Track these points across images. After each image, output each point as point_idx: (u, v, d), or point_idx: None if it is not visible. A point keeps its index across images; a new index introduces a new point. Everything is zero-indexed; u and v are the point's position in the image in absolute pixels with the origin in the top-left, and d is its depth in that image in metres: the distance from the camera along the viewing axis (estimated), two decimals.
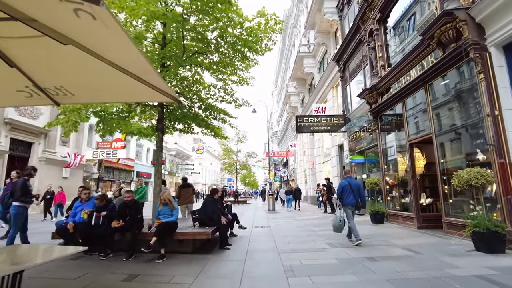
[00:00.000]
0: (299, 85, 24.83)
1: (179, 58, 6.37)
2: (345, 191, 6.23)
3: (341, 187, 6.34)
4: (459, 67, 6.30)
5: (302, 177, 26.91)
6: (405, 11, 8.77)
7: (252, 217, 12.82)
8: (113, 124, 6.40)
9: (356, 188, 6.23)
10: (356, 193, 6.21)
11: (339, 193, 6.40)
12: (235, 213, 7.75)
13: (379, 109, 9.75)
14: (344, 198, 6.23)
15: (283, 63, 41.42)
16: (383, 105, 9.43)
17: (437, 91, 7.25)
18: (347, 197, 6.20)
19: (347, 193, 6.20)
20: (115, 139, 23.34)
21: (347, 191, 6.21)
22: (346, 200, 6.21)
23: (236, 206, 21.04)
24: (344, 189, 6.24)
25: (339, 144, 15.26)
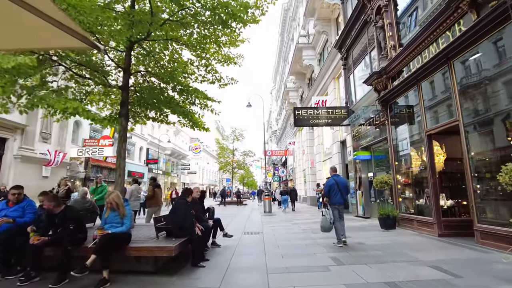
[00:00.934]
0: (298, 80, 23.51)
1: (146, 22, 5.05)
2: (332, 190, 6.01)
3: (328, 186, 6.10)
4: (498, 34, 4.97)
5: (301, 176, 25.59)
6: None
7: (244, 221, 11.49)
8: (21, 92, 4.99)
9: (344, 187, 6.06)
10: (343, 191, 6.02)
11: (326, 192, 6.18)
12: (218, 218, 6.42)
13: (389, 96, 8.42)
14: (331, 197, 6.03)
15: (281, 60, 40.12)
16: (394, 91, 8.10)
17: (465, 69, 5.92)
18: (334, 196, 6.00)
19: (334, 192, 6.00)
20: (102, 136, 22.05)
21: (334, 189, 6.00)
22: (333, 199, 6.01)
23: (235, 208, 19.76)
24: (331, 188, 6.01)
25: (341, 140, 13.94)
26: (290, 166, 32.88)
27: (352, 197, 11.88)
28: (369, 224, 9.10)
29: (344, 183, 6.22)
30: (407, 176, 8.12)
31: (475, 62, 5.67)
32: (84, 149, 19.29)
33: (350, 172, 12.19)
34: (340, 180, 6.14)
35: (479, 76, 5.58)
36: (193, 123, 6.74)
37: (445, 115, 6.59)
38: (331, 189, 6.03)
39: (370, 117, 9.88)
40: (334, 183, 6.02)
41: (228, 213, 15.16)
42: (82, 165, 21.40)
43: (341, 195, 6.01)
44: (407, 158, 8.14)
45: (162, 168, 38.16)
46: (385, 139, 9.13)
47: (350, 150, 12.10)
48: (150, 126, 34.51)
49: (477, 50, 5.49)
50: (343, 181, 6.19)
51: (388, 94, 8.39)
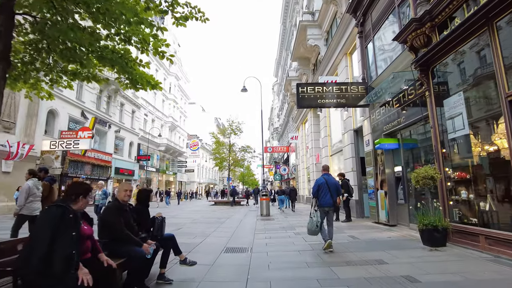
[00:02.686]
0: (301, 66, 20.94)
1: None
2: (321, 190, 5.52)
3: (316, 185, 5.61)
4: None
5: (304, 174, 23.06)
6: None
7: (234, 227, 9.00)
8: None
9: (334, 187, 5.57)
10: (333, 193, 5.51)
11: (314, 191, 5.64)
12: (170, 235, 3.94)
13: (433, 54, 5.88)
14: (319, 198, 5.52)
15: (284, 50, 37.56)
16: (443, 45, 5.55)
17: None
18: (323, 196, 5.49)
19: (324, 192, 5.49)
20: (81, 128, 19.61)
21: (323, 189, 5.51)
22: (322, 200, 5.49)
23: (228, 209, 17.28)
24: (320, 188, 5.54)
25: (355, 129, 11.41)
26: (292, 163, 30.36)
27: (371, 198, 9.35)
28: (400, 236, 6.56)
29: (335, 183, 5.67)
30: (463, 169, 5.58)
31: None
32: (58, 141, 16.89)
33: (368, 166, 9.66)
34: (331, 180, 5.63)
35: None
36: (131, 78, 4.25)
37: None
38: (320, 188, 5.52)
39: (400, 90, 7.34)
40: (324, 182, 5.52)
41: (217, 216, 12.68)
42: (59, 160, 19.01)
43: (331, 196, 5.45)
44: (463, 143, 5.58)
45: (155, 166, 35.76)
46: (422, 119, 6.59)
47: (368, 139, 9.57)
48: (143, 120, 32.15)
49: None
50: (333, 181, 5.67)
51: (433, 52, 5.84)
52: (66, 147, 16.89)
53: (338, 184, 5.75)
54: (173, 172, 42.59)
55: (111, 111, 25.77)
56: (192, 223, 10.26)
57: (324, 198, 5.44)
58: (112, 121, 25.56)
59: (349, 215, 9.94)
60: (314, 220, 5.33)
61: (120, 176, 27.06)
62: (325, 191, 5.46)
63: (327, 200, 5.44)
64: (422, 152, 7.27)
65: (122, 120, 27.80)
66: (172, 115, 40.89)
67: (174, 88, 42.20)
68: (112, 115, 25.75)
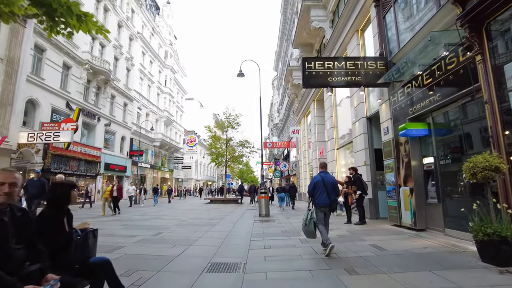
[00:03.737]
0: (304, 52, 19.33)
1: None
2: (317, 189, 5.08)
3: (312, 184, 5.18)
4: None
5: (306, 170, 21.55)
6: None
7: (226, 231, 7.47)
8: None
9: (331, 186, 5.09)
10: (330, 191, 5.04)
11: (310, 190, 5.18)
12: (103, 260, 2.35)
13: (489, 5, 4.33)
14: (315, 197, 5.07)
15: (284, 41, 35.90)
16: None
17: None
18: (320, 195, 5.03)
19: (320, 191, 5.04)
20: (64, 120, 18.01)
21: (319, 188, 5.06)
22: (318, 200, 5.03)
23: (223, 208, 15.75)
24: (316, 186, 5.10)
25: (369, 116, 9.88)
26: (293, 159, 28.83)
27: (390, 197, 7.83)
28: (439, 246, 5.04)
29: (333, 181, 5.22)
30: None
31: None
32: (36, 133, 15.32)
33: (386, 159, 8.12)
34: (328, 178, 5.20)
35: None
36: (62, 14, 2.69)
37: None
38: (316, 187, 5.11)
39: (434, 62, 5.79)
40: (320, 180, 5.11)
41: (210, 217, 11.15)
42: (40, 154, 17.46)
43: (327, 195, 5.01)
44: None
45: (150, 162, 34.20)
46: (468, 94, 5.05)
47: (387, 126, 8.03)
48: (136, 114, 30.56)
49: None
50: (331, 179, 5.22)
51: (488, 1, 4.29)
52: (45, 140, 15.32)
53: (335, 183, 5.32)
54: (169, 169, 41.01)
55: (100, 103, 24.17)
56: (178, 225, 8.73)
57: (320, 197, 5.05)
58: (101, 114, 23.97)
59: (363, 217, 8.41)
60: (303, 218, 5.12)
61: (110, 172, 25.52)
62: (321, 190, 5.07)
63: (323, 200, 5.03)
64: (465, 138, 5.72)
65: (113, 113, 26.20)
66: (168, 109, 39.27)
67: (169, 82, 40.55)
68: (101, 108, 24.16)
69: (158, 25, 37.97)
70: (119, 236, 6.72)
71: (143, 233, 7.20)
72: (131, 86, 29.74)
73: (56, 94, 18.71)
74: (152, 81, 35.34)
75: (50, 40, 18.10)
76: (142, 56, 32.73)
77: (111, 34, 25.87)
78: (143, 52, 33.07)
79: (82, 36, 21.74)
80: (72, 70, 20.60)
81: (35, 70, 17.30)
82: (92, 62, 21.92)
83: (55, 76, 18.77)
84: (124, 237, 6.65)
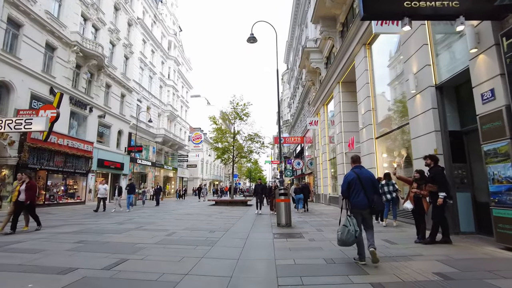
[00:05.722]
0: (325, 27, 16.24)
1: None
2: (352, 188, 4.25)
3: (346, 182, 4.32)
4: None
5: (326, 168, 18.45)
6: None
7: (229, 261, 4.49)
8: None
9: (369, 183, 4.23)
10: (369, 190, 4.18)
11: (344, 190, 4.36)
12: None
13: None
14: (351, 198, 4.25)
15: (297, 27, 32.83)
16: None
17: None
18: (356, 195, 4.21)
19: (356, 190, 4.22)
20: (43, 106, 15.33)
21: (355, 187, 4.23)
22: (355, 200, 4.20)
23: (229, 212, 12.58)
24: (351, 185, 4.26)
25: (440, 84, 6.80)
26: (309, 156, 25.74)
27: (503, 203, 4.76)
28: None
29: (370, 177, 4.30)
30: None
31: None
32: (4, 120, 12.61)
33: (489, 142, 5.04)
34: (364, 174, 4.30)
35: None
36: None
37: None
38: (350, 186, 4.25)
39: None
40: (355, 177, 4.25)
41: (210, 227, 8.18)
42: (15, 146, 14.83)
43: (365, 194, 4.14)
44: None
45: (151, 159, 31.52)
46: None
47: (491, 89, 4.96)
48: (135, 106, 27.89)
49: None
50: (368, 175, 4.32)
51: None
52: (15, 128, 12.60)
53: (374, 179, 4.33)
54: (173, 167, 38.33)
55: (93, 91, 21.52)
56: (159, 244, 5.79)
57: (356, 197, 4.18)
58: (94, 104, 21.31)
59: (447, 233, 5.36)
60: (351, 230, 3.98)
61: (105, 169, 22.86)
62: (357, 189, 4.19)
63: (361, 200, 4.14)
64: None
65: (109, 104, 23.55)
66: (172, 103, 36.60)
67: (173, 74, 37.88)
68: (94, 97, 21.51)
69: (161, 13, 35.31)
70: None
71: (93, 262, 4.30)
72: (130, 76, 27.10)
73: (36, 77, 16.06)
74: (154, 72, 32.68)
75: (29, 15, 15.47)
76: (142, 44, 30.08)
77: (107, 17, 23.26)
78: (144, 40, 30.41)
79: (71, 15, 19.10)
80: (58, 52, 17.93)
81: (8, 48, 14.66)
82: (82, 44, 19.25)
83: (36, 57, 16.12)
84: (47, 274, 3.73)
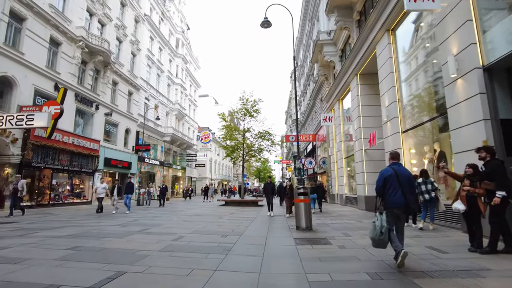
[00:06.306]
0: (341, 16, 15.27)
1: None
2: (388, 185, 3.98)
3: (382, 179, 4.04)
4: None
5: (342, 166, 17.46)
6: None
7: (249, 274, 3.64)
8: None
9: (407, 181, 3.98)
10: (406, 188, 3.92)
11: (378, 187, 4.08)
12: None
13: None
14: (386, 196, 3.99)
15: (307, 23, 31.86)
16: None
17: None
18: (393, 194, 3.93)
19: (393, 188, 3.94)
20: (46, 103, 14.77)
21: (392, 184, 3.96)
22: (391, 199, 3.93)
23: (242, 213, 11.23)
24: (388, 182, 4.00)
25: (488, 65, 5.82)
26: (321, 155, 24.73)
27: None
28: None
29: (408, 175, 4.04)
30: None
31: None
32: (5, 115, 12.05)
33: None
34: (402, 171, 4.05)
35: None
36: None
37: None
38: (387, 183, 3.98)
39: None
40: (393, 174, 3.99)
41: (222, 230, 7.34)
42: (18, 144, 14.32)
43: (403, 192, 3.87)
44: None
45: (159, 158, 30.95)
46: None
47: None
48: (143, 104, 27.33)
49: None
50: (406, 173, 4.06)
51: None
52: (16, 125, 12.03)
53: (412, 178, 4.10)
54: (181, 167, 37.74)
55: (99, 89, 20.99)
56: (167, 250, 4.99)
57: (393, 196, 3.91)
58: (100, 101, 20.78)
59: (496, 241, 4.43)
60: (377, 225, 3.82)
61: (112, 168, 22.33)
62: (394, 186, 3.93)
63: (398, 199, 3.88)
64: None
65: (116, 101, 23.02)
66: (180, 102, 36.02)
67: (181, 72, 37.30)
68: (101, 94, 20.98)
69: (169, 10, 34.76)
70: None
71: (83, 276, 3.50)
72: (137, 74, 26.55)
73: (40, 73, 15.54)
74: (162, 70, 32.12)
75: (32, 8, 14.94)
76: (150, 42, 29.54)
77: (113, 13, 22.71)
78: (151, 37, 29.86)
79: (76, 10, 18.57)
80: (63, 47, 17.41)
81: (11, 42, 14.14)
82: (88, 40, 18.69)
83: (40, 52, 15.60)
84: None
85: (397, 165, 4.18)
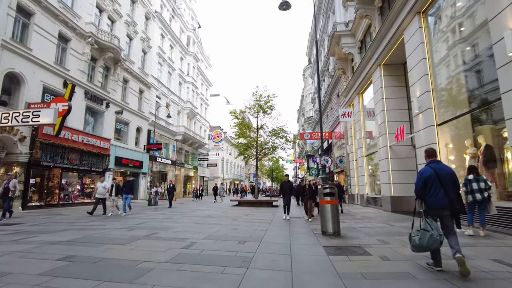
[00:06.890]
0: (361, 4, 14.25)
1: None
2: (429, 185, 3.58)
3: (422, 179, 3.65)
4: None
5: (363, 165, 16.40)
6: None
7: None
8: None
9: (450, 180, 3.55)
10: (449, 188, 3.51)
11: (418, 189, 3.69)
12: None
13: None
14: (427, 197, 3.60)
15: (321, 16, 30.74)
16: None
17: None
18: (434, 194, 3.54)
19: (434, 188, 3.55)
20: (54, 99, 14.30)
21: (433, 184, 3.56)
22: (432, 199, 3.54)
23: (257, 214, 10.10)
24: (428, 182, 3.60)
25: None
26: (338, 153, 23.65)
27: None
28: None
29: (451, 173, 3.61)
30: None
31: None
32: (11, 112, 11.60)
33: None
34: (443, 169, 3.61)
35: None
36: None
37: None
38: (427, 183, 3.58)
39: None
40: (433, 173, 3.58)
41: (238, 235, 6.51)
42: (26, 142, 13.92)
43: (445, 192, 3.48)
44: None
45: (171, 157, 30.48)
46: None
47: None
48: (154, 103, 26.85)
49: None
50: (448, 171, 3.62)
51: None
52: (22, 122, 11.56)
53: (455, 176, 3.63)
54: (193, 166, 37.24)
55: (110, 86, 20.56)
56: (175, 261, 4.20)
57: (435, 195, 3.53)
58: (111, 99, 20.35)
59: None
60: (434, 235, 3.36)
61: (122, 167, 21.88)
62: (435, 187, 3.54)
63: (440, 199, 3.50)
64: None
65: (126, 99, 22.59)
66: (191, 100, 35.50)
67: (193, 71, 36.77)
68: (111, 92, 20.55)
69: (179, 7, 34.27)
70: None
71: None
72: (148, 71, 26.10)
73: (49, 70, 15.13)
74: (173, 68, 31.65)
75: (40, 3, 14.53)
76: (161, 39, 29.08)
77: (123, 9, 22.26)
78: (162, 34, 29.38)
79: (85, 5, 18.14)
80: (72, 43, 16.99)
81: (18, 38, 13.75)
82: (97, 36, 18.26)
83: (48, 48, 15.20)
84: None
85: (435, 163, 3.79)
